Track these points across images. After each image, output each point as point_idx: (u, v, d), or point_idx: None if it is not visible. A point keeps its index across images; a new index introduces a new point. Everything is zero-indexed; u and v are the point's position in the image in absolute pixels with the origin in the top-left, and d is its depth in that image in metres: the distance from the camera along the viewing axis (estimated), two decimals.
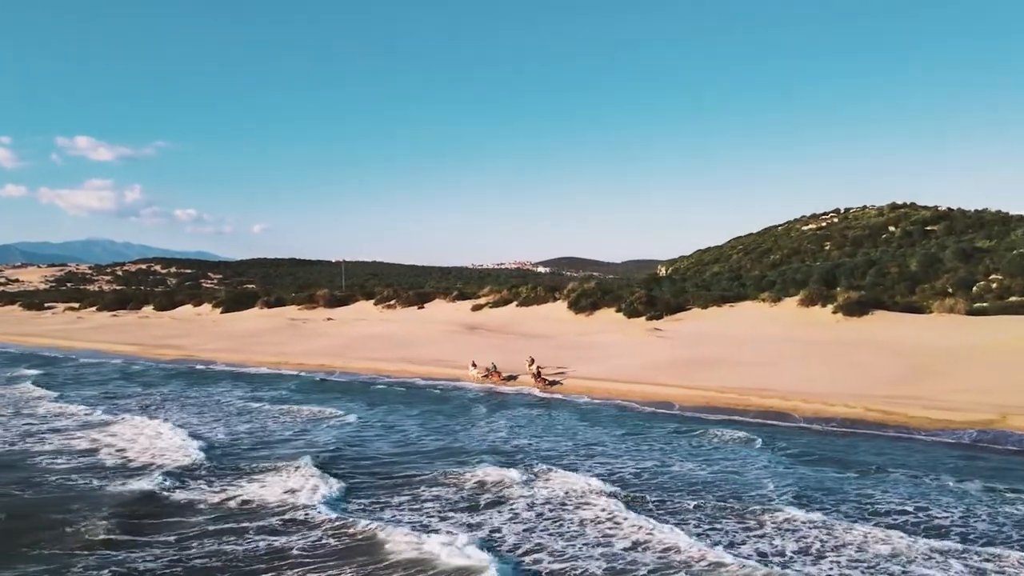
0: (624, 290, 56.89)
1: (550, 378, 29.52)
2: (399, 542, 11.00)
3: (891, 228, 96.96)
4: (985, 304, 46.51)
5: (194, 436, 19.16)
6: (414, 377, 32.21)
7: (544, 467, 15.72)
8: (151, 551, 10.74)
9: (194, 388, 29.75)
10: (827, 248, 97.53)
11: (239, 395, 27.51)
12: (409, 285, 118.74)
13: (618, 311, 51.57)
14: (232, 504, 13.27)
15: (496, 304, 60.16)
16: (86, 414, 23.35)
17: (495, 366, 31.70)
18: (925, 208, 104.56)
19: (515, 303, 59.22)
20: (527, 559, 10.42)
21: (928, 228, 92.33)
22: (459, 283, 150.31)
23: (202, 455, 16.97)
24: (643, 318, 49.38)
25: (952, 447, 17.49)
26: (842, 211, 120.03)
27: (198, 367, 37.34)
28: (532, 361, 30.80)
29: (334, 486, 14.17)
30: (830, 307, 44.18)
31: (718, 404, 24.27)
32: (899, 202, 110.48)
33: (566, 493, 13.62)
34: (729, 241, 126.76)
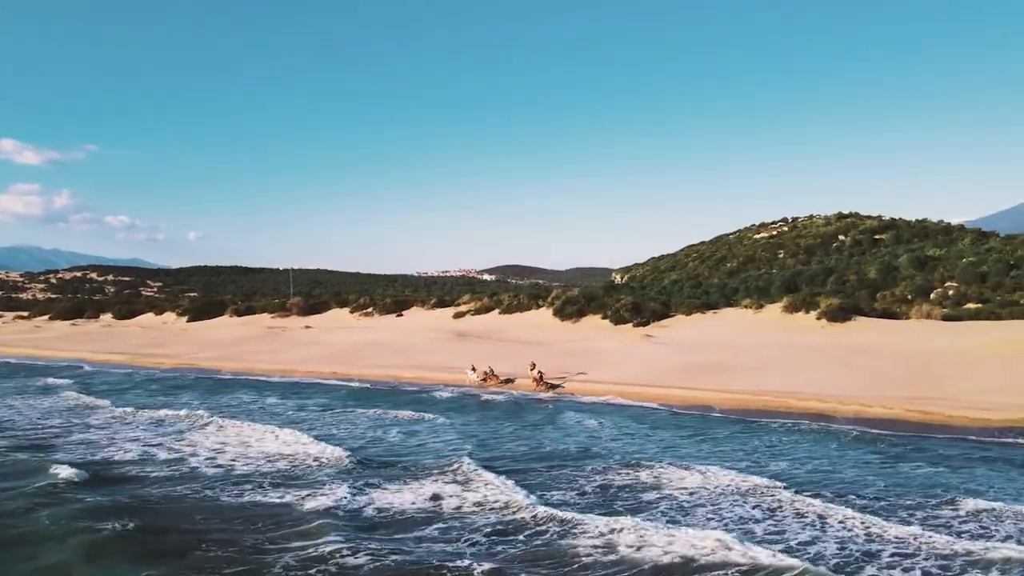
0: (609, 298, 57.86)
1: (552, 382, 30.55)
2: (653, 539, 11.27)
3: (841, 237, 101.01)
4: (948, 309, 49.23)
5: (327, 441, 19.08)
6: (436, 384, 32.30)
7: (668, 462, 16.43)
8: (365, 560, 10.77)
9: (232, 395, 29.40)
10: (781, 256, 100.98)
11: (287, 403, 27.08)
12: (357, 292, 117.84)
13: (604, 318, 52.43)
14: (425, 504, 13.55)
15: (478, 312, 60.41)
16: (182, 419, 23.05)
17: (492, 370, 32.64)
18: (870, 218, 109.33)
19: (497, 311, 59.56)
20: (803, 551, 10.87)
21: (876, 237, 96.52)
22: (407, 290, 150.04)
23: (345, 457, 17.05)
24: (629, 325, 50.34)
25: (1009, 446, 18.53)
26: (790, 220, 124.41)
27: (207, 376, 36.56)
28: (534, 366, 31.63)
29: (511, 482, 14.56)
30: (813, 313, 45.87)
31: (755, 407, 25.13)
32: (845, 212, 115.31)
33: (746, 487, 14.29)
34: (683, 249, 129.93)
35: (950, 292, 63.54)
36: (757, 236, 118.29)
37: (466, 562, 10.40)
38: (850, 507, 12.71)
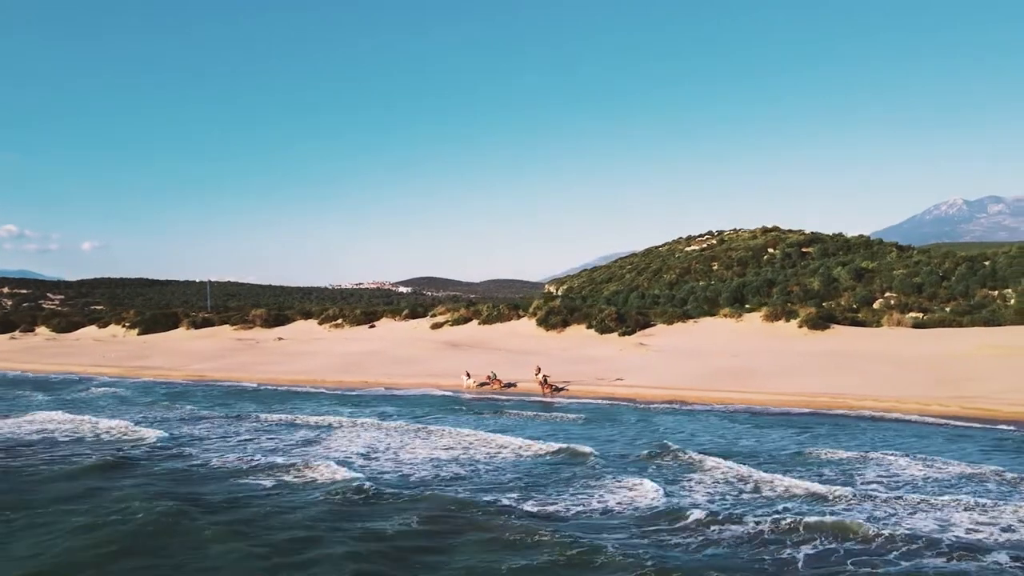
0: (592, 308, 59.22)
1: (557, 385, 32.41)
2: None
3: (770, 250, 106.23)
4: (921, 316, 53.29)
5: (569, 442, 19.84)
6: (475, 391, 32.76)
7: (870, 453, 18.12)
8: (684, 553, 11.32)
9: (300, 404, 29.30)
10: (716, 268, 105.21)
11: (364, 410, 27.12)
12: (273, 305, 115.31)
13: (589, 327, 53.64)
14: (693, 485, 15.05)
15: (456, 322, 60.45)
16: (336, 426, 23.54)
17: (495, 375, 34.20)
18: (792, 231, 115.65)
19: (476, 321, 59.85)
20: None
21: (804, 250, 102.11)
22: (328, 304, 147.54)
23: (593, 452, 18.23)
24: (615, 334, 51.75)
25: None
26: (716, 233, 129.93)
27: (234, 387, 35.48)
28: (539, 370, 33.25)
29: (744, 466, 16.14)
30: (794, 321, 48.54)
31: (819, 407, 26.55)
32: (768, 226, 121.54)
33: (958, 472, 16.01)
34: (616, 261, 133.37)
35: (891, 302, 68.41)
36: (688, 249, 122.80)
37: (788, 552, 11.13)
38: None
